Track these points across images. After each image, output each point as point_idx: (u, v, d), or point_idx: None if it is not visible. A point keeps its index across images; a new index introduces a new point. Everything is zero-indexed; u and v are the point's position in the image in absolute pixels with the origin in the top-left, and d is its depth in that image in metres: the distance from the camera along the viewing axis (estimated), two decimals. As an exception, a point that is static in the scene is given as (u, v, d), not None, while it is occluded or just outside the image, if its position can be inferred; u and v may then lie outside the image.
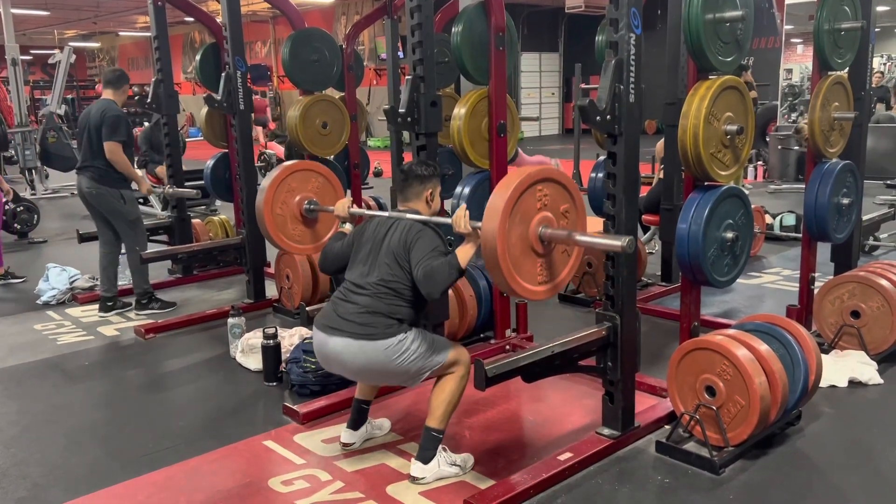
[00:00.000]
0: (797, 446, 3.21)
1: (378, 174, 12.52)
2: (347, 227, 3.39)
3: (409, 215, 3.03)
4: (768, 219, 7.05)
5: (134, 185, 5.43)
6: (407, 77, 3.78)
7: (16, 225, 8.17)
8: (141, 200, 5.69)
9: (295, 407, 3.60)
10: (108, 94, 5.29)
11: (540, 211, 2.73)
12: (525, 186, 2.66)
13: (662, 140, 5.58)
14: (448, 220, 2.92)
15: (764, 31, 15.40)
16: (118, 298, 5.43)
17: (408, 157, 4.61)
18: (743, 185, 9.45)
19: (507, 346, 4.30)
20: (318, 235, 3.94)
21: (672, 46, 4.87)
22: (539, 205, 2.73)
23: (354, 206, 3.47)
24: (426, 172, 3.14)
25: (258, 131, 13.88)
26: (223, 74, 5.16)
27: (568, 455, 3.03)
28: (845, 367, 3.83)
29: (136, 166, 5.93)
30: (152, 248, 5.57)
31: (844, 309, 4.04)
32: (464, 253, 2.80)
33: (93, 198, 5.21)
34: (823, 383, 3.63)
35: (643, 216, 5.95)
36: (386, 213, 3.16)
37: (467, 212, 2.85)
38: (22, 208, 8.27)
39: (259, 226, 3.82)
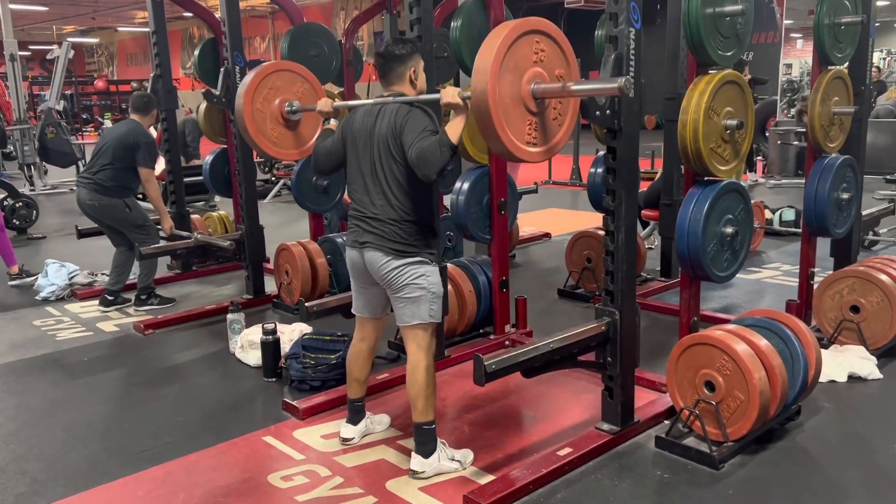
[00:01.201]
0: (797, 441, 3.21)
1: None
2: (333, 123, 3.31)
3: (393, 99, 2.93)
4: (768, 214, 7.05)
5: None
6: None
7: (15, 221, 8.16)
8: (140, 196, 5.68)
9: (294, 402, 3.60)
10: (136, 117, 5.32)
11: (535, 65, 2.62)
12: (518, 33, 2.55)
13: None
14: (436, 96, 2.81)
15: (763, 26, 15.38)
16: (120, 294, 5.45)
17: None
18: (747, 180, 9.45)
19: (507, 342, 4.30)
20: (302, 139, 3.82)
21: (672, 41, 4.86)
22: (535, 58, 2.62)
23: (338, 100, 3.36)
24: (405, 50, 2.96)
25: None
26: (222, 70, 5.15)
27: (567, 450, 3.03)
28: (845, 362, 3.83)
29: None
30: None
31: (844, 304, 4.04)
32: (453, 128, 2.70)
33: (95, 210, 5.23)
34: (823, 378, 3.63)
35: (642, 211, 5.95)
36: (371, 101, 3.04)
37: (456, 88, 2.78)
38: (21, 204, 8.26)
39: (238, 123, 3.73)
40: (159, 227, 5.55)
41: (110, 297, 5.41)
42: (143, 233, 5.30)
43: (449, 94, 2.74)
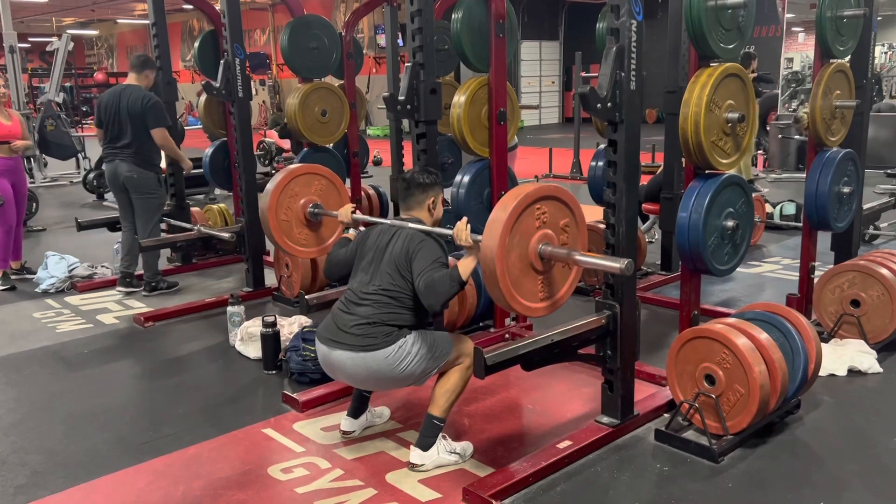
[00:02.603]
0: (796, 435, 3.21)
1: (377, 163, 12.50)
2: (351, 232, 3.43)
3: (411, 225, 3.03)
4: (768, 208, 7.04)
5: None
6: (406, 64, 3.76)
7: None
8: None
9: (294, 395, 3.60)
10: (132, 79, 5.38)
11: (539, 229, 2.73)
12: (524, 207, 2.66)
13: None
14: (449, 232, 2.92)
15: (765, 20, 15.35)
16: (135, 277, 5.59)
17: (407, 145, 4.60)
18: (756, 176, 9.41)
19: (507, 335, 4.30)
20: (323, 238, 3.95)
21: (673, 34, 4.84)
22: (538, 223, 2.73)
23: (358, 212, 3.49)
24: (428, 181, 3.14)
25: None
26: (222, 62, 5.14)
27: (567, 443, 3.03)
28: (845, 355, 3.83)
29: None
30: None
31: (844, 298, 4.04)
32: (465, 266, 2.80)
33: (131, 182, 5.33)
34: (823, 372, 3.64)
35: (643, 205, 5.94)
36: (388, 221, 3.17)
37: (468, 225, 2.85)
38: (20, 196, 8.24)
39: (265, 232, 3.83)
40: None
41: (128, 279, 5.57)
42: (156, 212, 5.46)
43: (462, 236, 2.83)
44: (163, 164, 5.61)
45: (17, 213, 5.87)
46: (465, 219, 2.88)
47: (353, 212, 3.49)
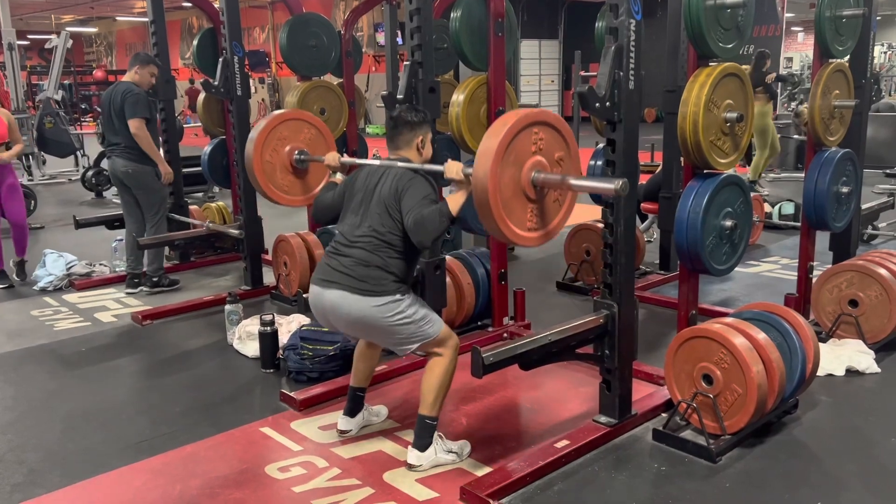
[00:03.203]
0: (794, 435, 3.21)
1: (376, 161, 12.48)
2: (339, 177, 3.35)
3: (400, 164, 2.97)
4: (767, 207, 7.04)
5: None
6: (405, 63, 3.76)
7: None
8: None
9: (292, 394, 3.60)
10: (126, 76, 5.42)
11: (534, 155, 2.66)
12: (520, 127, 2.59)
13: None
14: (440, 168, 2.85)
15: (764, 19, 15.36)
16: (142, 276, 5.62)
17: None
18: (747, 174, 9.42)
19: (505, 334, 4.30)
20: (309, 187, 3.86)
21: (672, 33, 4.84)
22: (534, 148, 2.66)
23: (345, 155, 3.40)
24: (416, 118, 3.04)
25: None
26: (220, 60, 5.13)
27: (565, 442, 3.03)
28: (843, 355, 3.83)
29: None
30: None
31: (842, 298, 4.04)
32: (455, 200, 2.76)
33: (129, 177, 5.34)
34: (821, 372, 3.64)
35: (641, 204, 5.94)
36: (377, 162, 3.09)
37: (459, 162, 2.80)
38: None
39: (248, 174, 3.76)
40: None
41: (136, 280, 5.57)
42: (160, 208, 5.47)
43: (452, 170, 2.79)
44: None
45: (15, 213, 5.71)
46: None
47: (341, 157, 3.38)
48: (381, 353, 3.30)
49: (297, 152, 3.78)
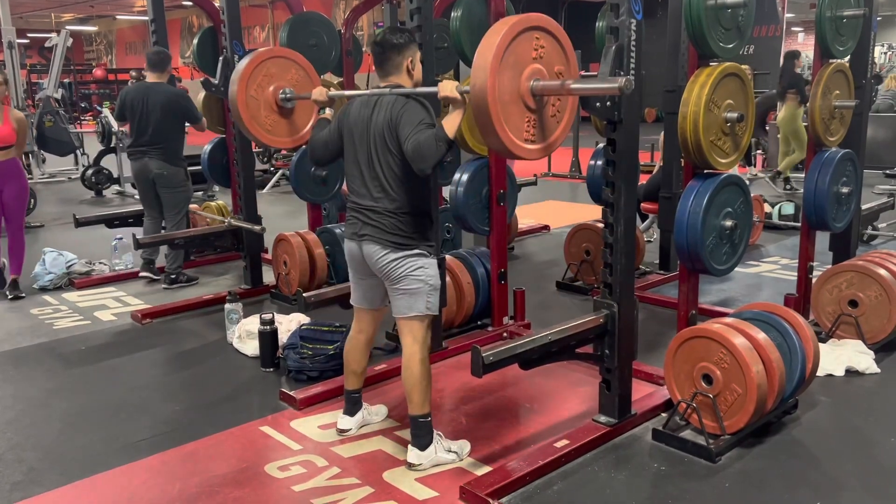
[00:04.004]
0: (793, 435, 3.21)
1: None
2: (328, 111, 3.29)
3: (391, 90, 2.91)
4: (767, 207, 7.04)
5: None
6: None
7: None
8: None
9: (292, 393, 3.60)
10: (153, 77, 5.50)
11: (535, 62, 2.60)
12: (521, 28, 2.53)
13: None
14: (434, 89, 2.78)
15: (765, 19, 15.35)
16: (158, 268, 5.80)
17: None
18: (747, 174, 9.43)
19: (505, 334, 4.30)
20: (296, 127, 3.80)
21: (672, 33, 4.83)
22: (534, 55, 2.59)
23: (333, 89, 3.34)
24: (402, 40, 2.93)
25: None
26: (221, 59, 5.13)
27: (564, 442, 3.03)
28: (842, 356, 3.83)
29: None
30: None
31: (842, 298, 4.04)
32: (450, 122, 2.69)
33: (162, 178, 5.47)
34: (820, 372, 3.64)
35: (642, 204, 5.94)
36: (368, 91, 3.01)
37: (454, 81, 2.75)
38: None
39: (231, 109, 3.70)
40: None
41: (151, 266, 5.77)
42: (183, 206, 5.64)
43: (447, 87, 2.70)
44: None
45: (14, 222, 5.36)
46: (451, 73, 2.81)
47: (329, 91, 3.31)
48: (370, 354, 3.30)
49: (282, 91, 3.70)
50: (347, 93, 3.19)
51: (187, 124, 5.59)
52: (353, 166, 2.99)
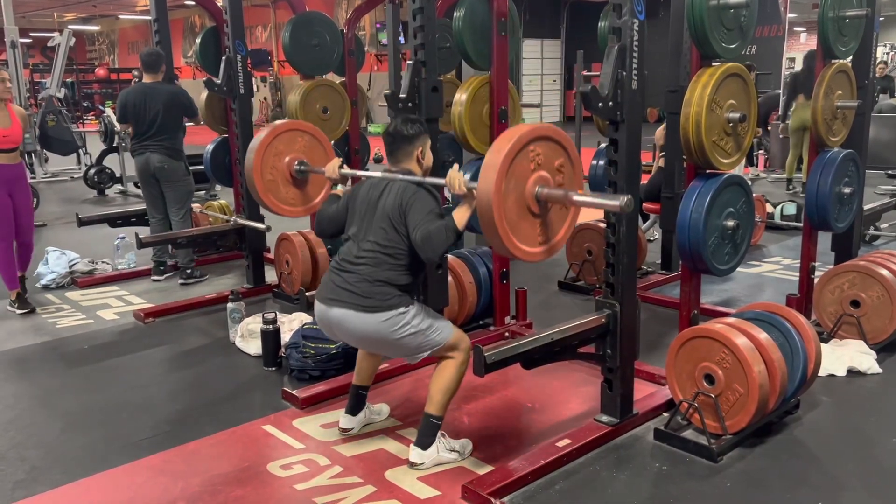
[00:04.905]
0: (795, 435, 3.21)
1: (378, 160, 12.48)
2: (340, 188, 3.34)
3: (401, 177, 2.97)
4: (769, 208, 7.04)
5: None
6: (408, 62, 3.76)
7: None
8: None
9: (294, 392, 3.60)
10: (150, 77, 5.57)
11: (534, 171, 2.65)
12: (518, 149, 2.58)
13: (662, 127, 5.57)
14: (442, 181, 2.84)
15: (767, 20, 15.34)
16: (167, 265, 5.88)
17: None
18: (749, 174, 9.44)
19: (507, 333, 4.30)
20: (309, 196, 3.85)
21: (675, 33, 4.84)
22: (532, 165, 2.65)
23: (345, 167, 3.38)
24: (413, 131, 3.03)
25: None
26: (223, 58, 5.14)
27: (566, 441, 3.03)
28: (844, 356, 3.83)
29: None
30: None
31: (844, 298, 4.04)
32: (460, 215, 2.75)
33: (163, 172, 5.57)
34: (822, 372, 3.64)
35: (643, 204, 5.94)
36: (378, 174, 3.08)
37: (461, 172, 2.79)
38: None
39: (251, 192, 3.76)
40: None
41: (162, 267, 5.87)
42: (187, 200, 5.74)
43: (456, 184, 2.77)
44: None
45: (20, 227, 5.08)
46: (456, 166, 2.83)
47: (341, 167, 3.37)
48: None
49: (296, 163, 3.77)
50: (359, 172, 3.29)
51: (186, 120, 5.72)
52: (348, 238, 3.03)
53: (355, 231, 3.00)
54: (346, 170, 3.36)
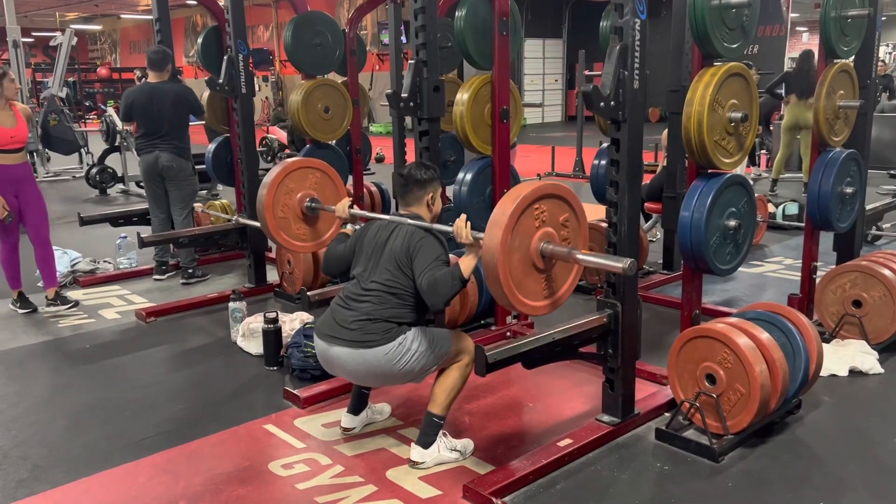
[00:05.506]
0: (797, 435, 3.21)
1: (380, 160, 12.50)
2: (349, 228, 3.40)
3: (410, 221, 3.02)
4: (771, 207, 7.03)
5: None
6: (410, 61, 3.76)
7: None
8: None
9: (295, 391, 3.61)
10: (155, 77, 5.60)
11: (539, 228, 2.72)
12: (522, 209, 2.64)
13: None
14: (449, 229, 2.91)
15: (769, 19, 15.34)
16: (171, 266, 5.90)
17: (410, 143, 4.60)
18: (751, 174, 9.43)
19: (508, 333, 4.30)
20: (319, 232, 3.91)
21: (676, 33, 4.83)
22: (537, 223, 2.71)
23: (355, 207, 3.45)
24: (426, 176, 3.10)
25: None
26: (225, 58, 5.14)
27: (568, 441, 3.03)
28: (846, 356, 3.83)
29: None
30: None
31: (846, 298, 4.04)
32: (466, 264, 2.80)
33: (171, 171, 5.58)
34: (824, 372, 3.63)
35: (645, 204, 5.94)
36: (388, 217, 3.14)
37: (468, 222, 2.84)
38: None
39: (263, 230, 3.80)
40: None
41: (163, 266, 5.88)
42: (190, 200, 5.75)
43: (463, 234, 2.81)
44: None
45: (30, 226, 4.97)
46: (463, 216, 2.87)
47: (351, 206, 3.46)
48: None
49: (308, 199, 3.80)
50: (369, 214, 3.35)
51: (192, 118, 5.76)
52: (354, 278, 3.06)
53: (361, 271, 3.03)
54: (356, 210, 3.44)
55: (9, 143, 4.74)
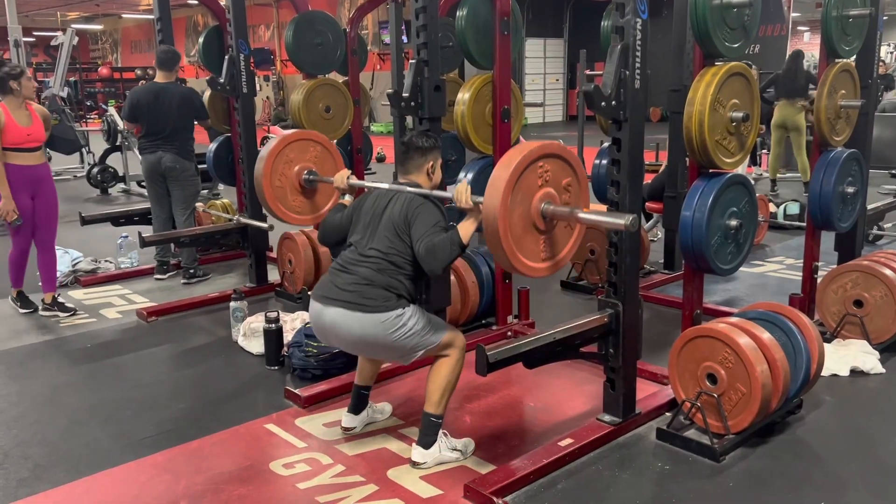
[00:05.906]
0: (798, 434, 3.21)
1: (381, 160, 12.49)
2: (347, 198, 3.37)
3: (409, 188, 3.00)
4: (772, 207, 7.03)
5: None
6: (410, 61, 3.76)
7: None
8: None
9: (296, 391, 3.61)
10: (163, 77, 5.62)
11: (541, 187, 2.68)
12: (526, 164, 2.61)
13: None
14: (449, 195, 2.89)
15: (770, 19, 15.32)
16: (172, 266, 5.91)
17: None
18: (752, 174, 9.42)
19: (509, 333, 4.30)
20: (318, 206, 3.89)
21: (678, 32, 4.83)
22: (540, 181, 2.68)
23: (354, 177, 3.41)
24: (427, 144, 3.10)
25: None
26: (226, 57, 5.14)
27: (568, 441, 3.03)
28: (847, 356, 3.82)
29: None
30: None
31: (847, 298, 4.04)
32: (465, 229, 2.78)
33: (174, 171, 5.61)
34: (825, 372, 3.63)
35: (646, 203, 5.94)
36: (386, 186, 3.12)
37: (469, 186, 2.82)
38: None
39: (258, 197, 3.78)
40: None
41: (164, 266, 5.89)
42: (192, 200, 5.78)
43: (463, 197, 2.80)
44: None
45: (38, 228, 4.89)
46: (464, 180, 2.87)
47: (349, 177, 3.40)
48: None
49: (306, 172, 3.79)
50: (368, 184, 3.29)
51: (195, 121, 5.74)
52: (351, 244, 3.04)
53: (358, 238, 3.02)
54: (355, 181, 3.39)
55: (25, 140, 4.69)
